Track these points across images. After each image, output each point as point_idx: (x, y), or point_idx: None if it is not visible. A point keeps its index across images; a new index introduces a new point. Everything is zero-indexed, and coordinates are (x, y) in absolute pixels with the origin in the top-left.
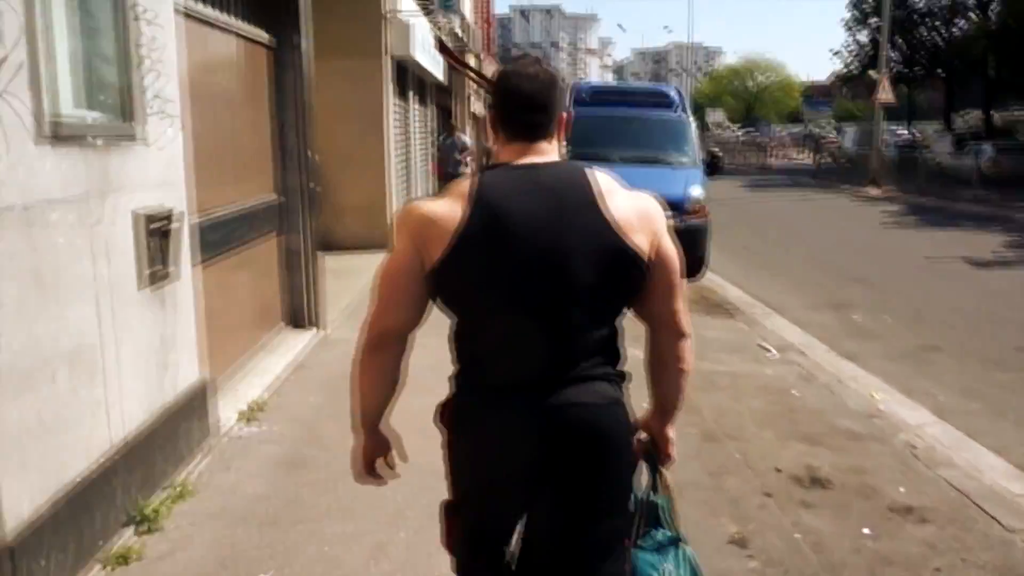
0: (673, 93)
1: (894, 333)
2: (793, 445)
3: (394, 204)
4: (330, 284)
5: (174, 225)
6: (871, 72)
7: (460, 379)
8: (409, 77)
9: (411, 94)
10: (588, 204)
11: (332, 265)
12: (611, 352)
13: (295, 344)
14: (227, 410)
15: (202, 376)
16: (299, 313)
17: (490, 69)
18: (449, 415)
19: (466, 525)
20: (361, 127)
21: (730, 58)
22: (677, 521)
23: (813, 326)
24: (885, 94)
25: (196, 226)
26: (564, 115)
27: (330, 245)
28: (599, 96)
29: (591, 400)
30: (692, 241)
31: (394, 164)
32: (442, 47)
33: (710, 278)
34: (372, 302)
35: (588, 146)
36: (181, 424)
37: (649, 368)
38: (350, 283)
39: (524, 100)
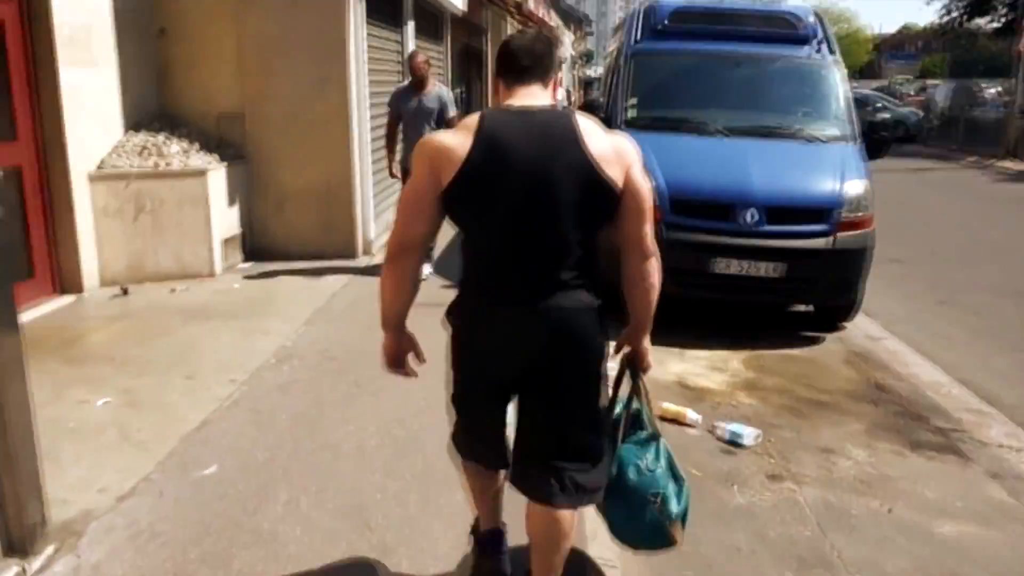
0: (810, 18)
1: None
2: None
3: (369, 188)
4: (223, 338)
5: None
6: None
7: (466, 284)
8: (408, 1)
9: (408, 26)
10: (572, 141)
11: (249, 293)
12: (589, 266)
13: None
14: None
15: None
16: None
17: (540, 9)
18: (456, 312)
19: (465, 410)
20: (312, 71)
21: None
22: (653, 420)
23: None
24: None
25: None
26: (559, 76)
27: (263, 252)
28: (686, 22)
29: (571, 305)
30: (843, 273)
31: (367, 128)
32: None
33: (864, 328)
34: (395, 219)
35: (667, 106)
36: None
37: (624, 288)
38: (260, 338)
39: (520, 50)
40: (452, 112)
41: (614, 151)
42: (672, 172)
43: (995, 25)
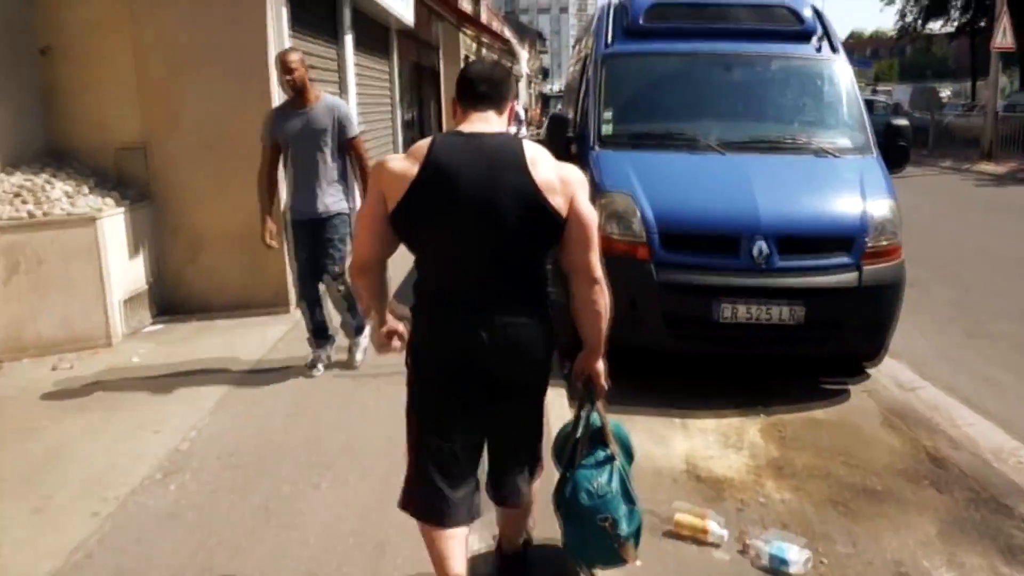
0: (808, 12)
1: None
2: None
3: None
4: (103, 438)
5: None
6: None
7: (415, 307)
8: (345, 10)
9: (347, 40)
10: (517, 168)
11: (150, 367)
12: (531, 290)
13: None
14: None
15: None
16: None
17: (493, 23)
18: (410, 339)
19: (420, 424)
20: (227, 91)
21: None
22: (609, 440)
23: None
24: (1004, 38)
25: None
26: (512, 105)
27: (177, 307)
28: (667, 18)
29: (511, 331)
30: (873, 314)
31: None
32: None
33: (893, 372)
34: (354, 240)
35: (650, 119)
36: None
37: (573, 313)
38: (149, 437)
39: (477, 76)
40: (353, 132)
41: (559, 180)
42: (661, 199)
43: (948, 29)
